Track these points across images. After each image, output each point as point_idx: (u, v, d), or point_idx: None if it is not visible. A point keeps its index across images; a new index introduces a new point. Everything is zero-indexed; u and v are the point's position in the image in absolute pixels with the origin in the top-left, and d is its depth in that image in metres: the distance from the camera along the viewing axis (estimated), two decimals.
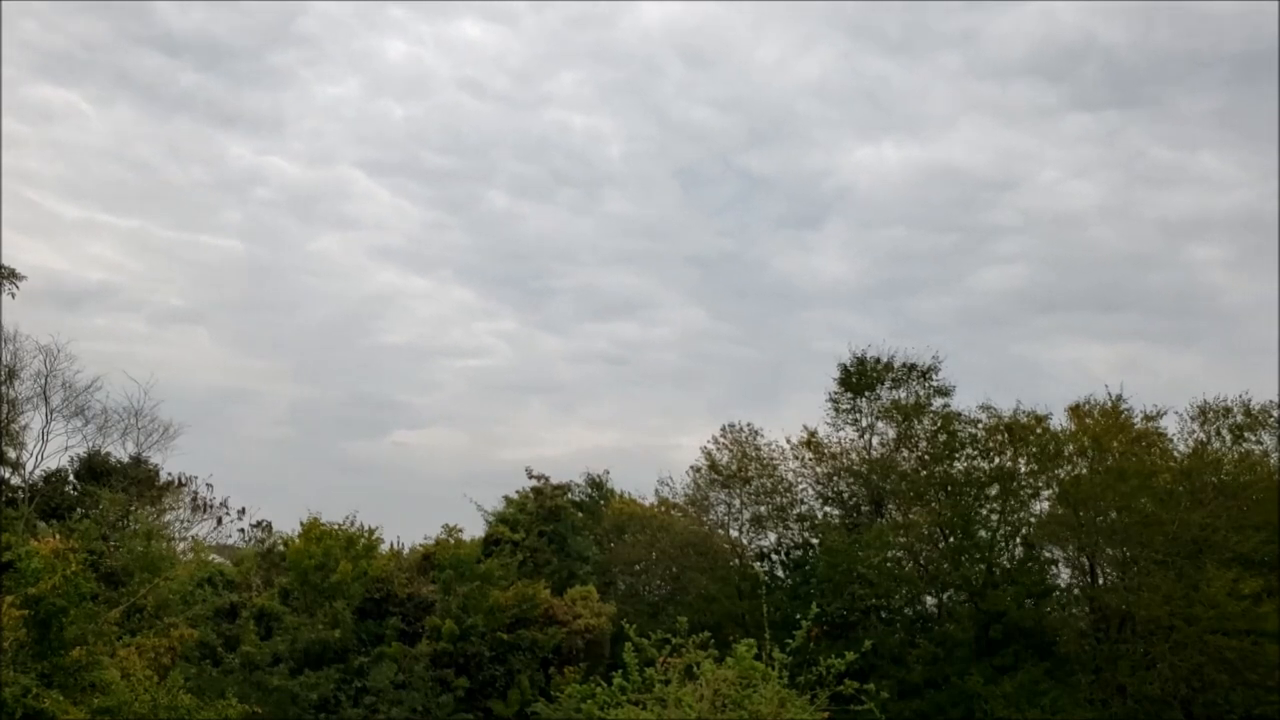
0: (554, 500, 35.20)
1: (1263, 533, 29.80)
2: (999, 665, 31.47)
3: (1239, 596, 28.21)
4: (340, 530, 31.34)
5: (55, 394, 33.55)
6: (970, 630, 33.09)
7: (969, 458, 34.70)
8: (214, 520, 35.80)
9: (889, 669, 31.28)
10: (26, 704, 15.65)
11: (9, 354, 32.70)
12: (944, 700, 31.37)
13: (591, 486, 44.23)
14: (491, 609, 29.66)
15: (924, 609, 35.91)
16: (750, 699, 12.88)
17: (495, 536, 33.79)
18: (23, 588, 16.87)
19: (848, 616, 34.68)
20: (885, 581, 33.95)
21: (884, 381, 38.21)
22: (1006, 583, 32.95)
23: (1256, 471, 32.05)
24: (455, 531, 33.25)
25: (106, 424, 34.66)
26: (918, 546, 35.13)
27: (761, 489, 38.55)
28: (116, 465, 34.34)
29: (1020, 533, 34.43)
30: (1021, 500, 34.12)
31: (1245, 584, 28.36)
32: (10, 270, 31.16)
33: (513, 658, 29.58)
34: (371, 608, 30.37)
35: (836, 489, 38.29)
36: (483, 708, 29.00)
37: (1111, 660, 30.10)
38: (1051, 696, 29.72)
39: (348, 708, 27.36)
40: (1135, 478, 31.03)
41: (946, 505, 34.29)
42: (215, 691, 20.06)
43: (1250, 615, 28.14)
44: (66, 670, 16.85)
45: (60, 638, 16.89)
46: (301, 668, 27.61)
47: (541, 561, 33.37)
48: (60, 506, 31.89)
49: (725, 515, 39.45)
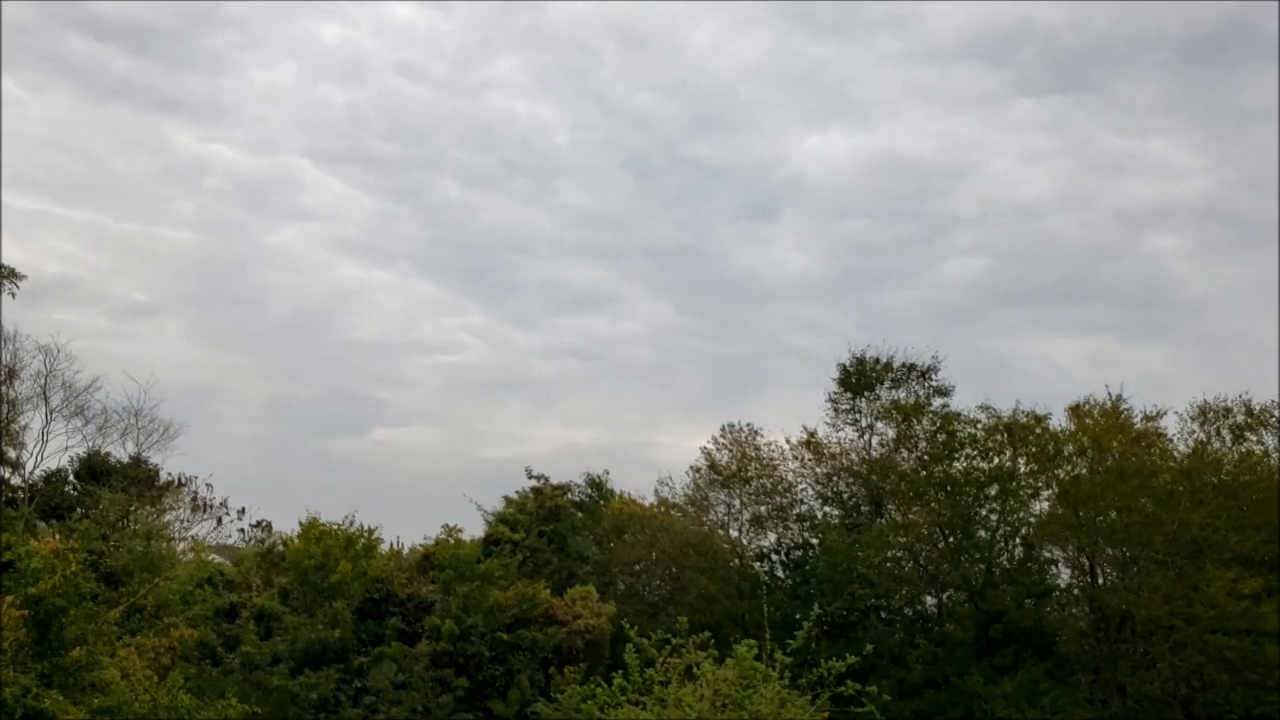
0: (554, 500, 35.17)
1: (1263, 533, 29.83)
2: (999, 665, 31.50)
3: (1239, 596, 28.24)
4: (340, 530, 31.33)
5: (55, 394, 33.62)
6: (970, 630, 33.12)
7: (968, 458, 34.75)
8: (214, 520, 35.87)
9: (889, 669, 31.29)
10: (26, 704, 15.65)
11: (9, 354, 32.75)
12: (944, 700, 31.38)
13: (591, 486, 44.25)
14: (491, 609, 29.65)
15: (924, 609, 35.92)
16: (750, 699, 12.89)
17: (495, 536, 33.76)
18: (23, 588, 16.87)
19: (848, 616, 34.70)
20: (885, 581, 33.97)
21: (883, 381, 38.29)
22: (1006, 583, 32.97)
23: (1257, 471, 32.07)
24: (455, 531, 33.26)
25: (106, 424, 34.73)
26: (917, 546, 35.15)
27: (761, 489, 38.57)
28: (116, 465, 34.35)
29: (1020, 533, 34.45)
30: (1021, 500, 34.16)
31: (1245, 584, 28.38)
32: (10, 270, 31.18)
33: (513, 658, 29.57)
34: (371, 608, 30.36)
35: (836, 489, 38.32)
36: (483, 708, 28.98)
37: (1111, 660, 30.12)
38: (1051, 696, 29.73)
39: (348, 708, 27.35)
40: (1135, 478, 31.05)
41: (946, 505, 34.32)
42: (215, 691, 20.06)
43: (1250, 615, 28.17)
44: (66, 670, 16.84)
45: (60, 638, 16.89)
46: (301, 668, 27.59)
47: (541, 561, 33.35)
48: (60, 506, 31.89)
49: (725, 515, 39.49)
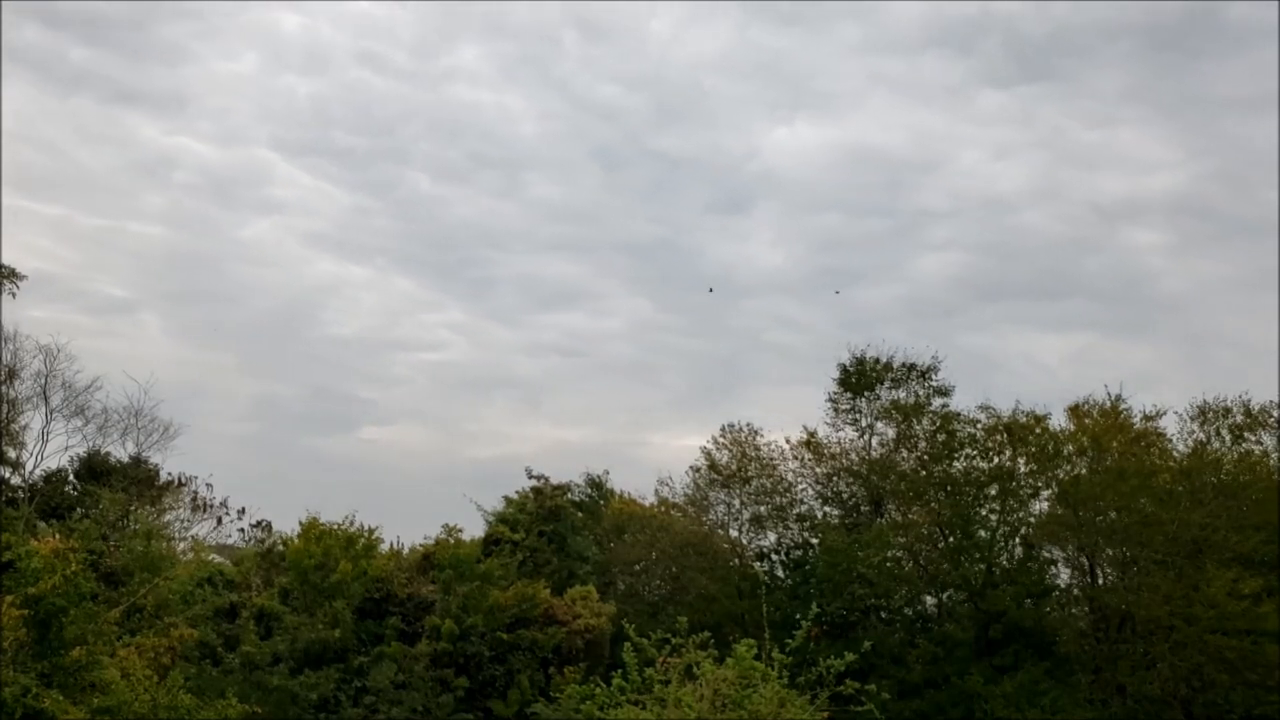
0: (554, 500, 35.20)
1: (1263, 532, 29.83)
2: (999, 665, 31.50)
3: (1239, 596, 28.24)
4: (340, 530, 31.35)
5: (55, 394, 33.63)
6: (970, 630, 33.11)
7: (968, 458, 34.76)
8: (214, 520, 35.87)
9: (889, 669, 31.29)
10: (26, 704, 15.65)
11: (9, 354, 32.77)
12: (944, 700, 31.38)
13: (591, 486, 44.27)
14: (491, 609, 29.65)
15: (924, 609, 35.92)
16: (750, 699, 12.89)
17: (495, 536, 33.78)
18: (23, 587, 16.87)
19: (848, 616, 34.70)
20: (885, 581, 33.97)
21: (883, 381, 38.30)
22: (1006, 583, 32.97)
23: (1256, 471, 32.07)
24: (455, 531, 33.29)
25: (106, 424, 34.74)
26: (917, 546, 35.16)
27: (761, 489, 38.58)
28: (116, 465, 34.35)
29: (1020, 533, 34.45)
30: (1021, 500, 34.16)
31: (1245, 584, 28.39)
32: (11, 270, 31.19)
33: (512, 658, 29.57)
34: (371, 608, 30.36)
35: (836, 489, 38.32)
36: (483, 708, 28.98)
37: (1111, 660, 30.12)
38: (1051, 696, 29.74)
39: (348, 707, 27.35)
40: (1135, 477, 31.06)
41: (946, 505, 34.32)
42: (215, 691, 20.06)
43: (1250, 615, 28.17)
44: (66, 670, 16.84)
45: (60, 638, 16.88)
46: (301, 667, 27.59)
47: (541, 561, 33.36)
48: (60, 506, 31.90)
49: (725, 515, 39.52)
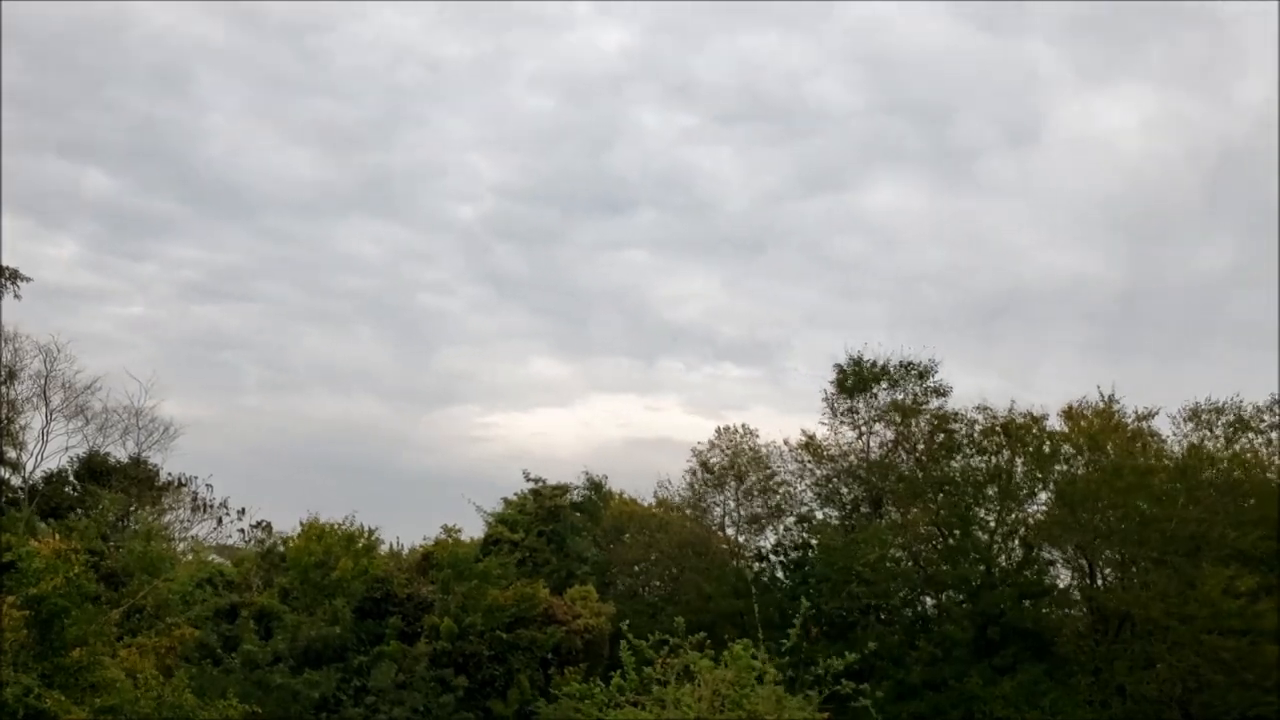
0: (553, 501, 35.28)
1: (1260, 529, 29.80)
2: (998, 666, 31.48)
3: (1235, 594, 28.26)
4: (340, 529, 31.43)
5: (55, 394, 33.72)
6: (969, 631, 33.09)
7: (966, 457, 34.78)
8: (214, 520, 35.96)
9: (888, 670, 31.30)
10: (28, 704, 15.71)
11: (9, 354, 32.87)
12: (943, 702, 31.34)
13: (590, 487, 44.26)
14: (491, 608, 29.68)
15: (923, 610, 35.93)
16: (748, 699, 12.96)
17: (494, 537, 33.85)
18: (24, 588, 16.94)
19: (846, 616, 34.71)
20: (884, 580, 33.97)
21: (880, 382, 38.25)
22: (1005, 583, 33.00)
23: (1251, 470, 32.09)
24: (454, 531, 33.38)
25: (106, 424, 34.81)
26: (916, 547, 35.19)
27: (755, 486, 38.60)
28: (116, 465, 34.44)
29: (1018, 533, 34.48)
30: (1019, 500, 34.18)
31: (1242, 581, 28.40)
32: (13, 270, 31.25)
33: (512, 657, 29.59)
34: (371, 607, 30.39)
35: (835, 490, 38.32)
36: (482, 707, 29.00)
37: (1110, 661, 30.15)
38: (1051, 697, 29.76)
39: (349, 707, 27.36)
40: (1131, 474, 31.07)
41: (944, 505, 34.35)
42: (216, 691, 20.12)
43: (1247, 614, 28.18)
44: (68, 670, 16.91)
45: (61, 638, 16.95)
46: (302, 667, 27.62)
47: (540, 561, 33.42)
48: (60, 506, 31.97)
49: (722, 516, 39.56)
